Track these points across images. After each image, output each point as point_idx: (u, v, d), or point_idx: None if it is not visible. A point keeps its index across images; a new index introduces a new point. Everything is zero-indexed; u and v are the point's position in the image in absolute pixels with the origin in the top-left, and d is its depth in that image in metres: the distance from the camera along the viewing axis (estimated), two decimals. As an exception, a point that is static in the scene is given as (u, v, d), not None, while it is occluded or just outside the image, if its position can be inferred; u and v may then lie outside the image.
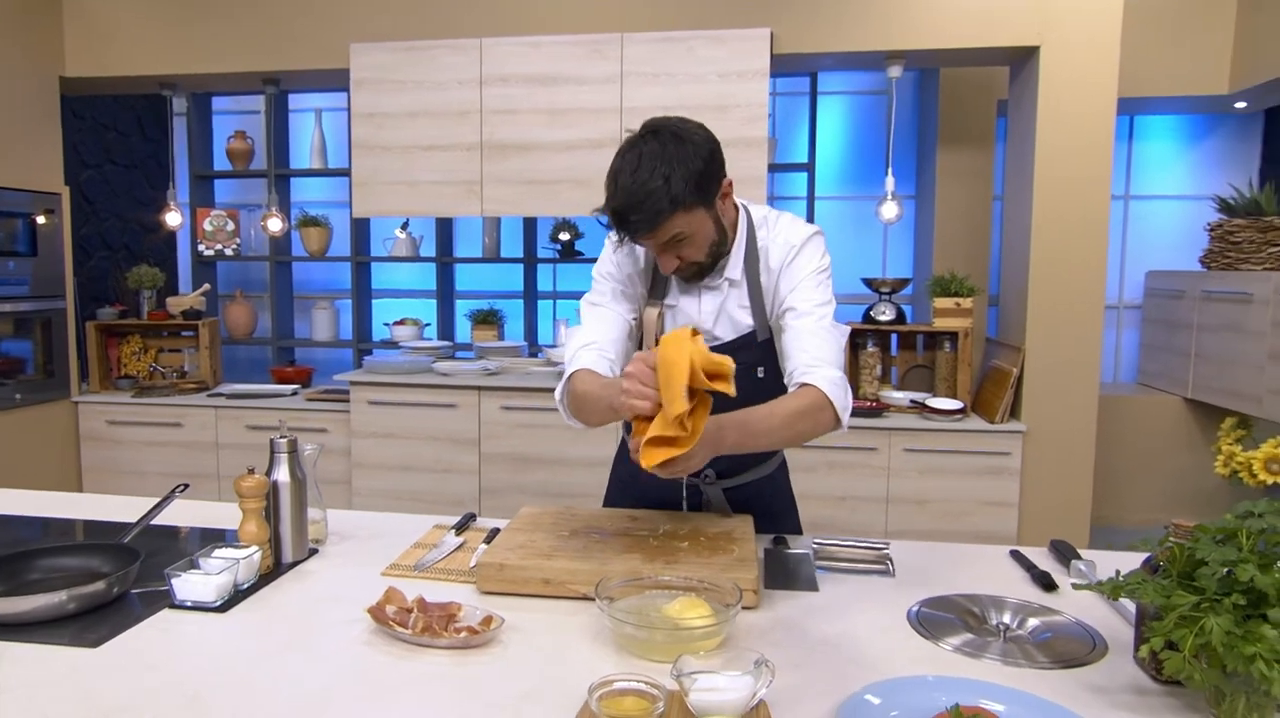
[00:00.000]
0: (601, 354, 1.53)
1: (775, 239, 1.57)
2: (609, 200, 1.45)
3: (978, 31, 3.43)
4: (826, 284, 1.54)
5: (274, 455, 1.51)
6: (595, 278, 1.65)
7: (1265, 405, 3.90)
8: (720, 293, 1.59)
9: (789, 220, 1.61)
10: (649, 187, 1.39)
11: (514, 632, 1.23)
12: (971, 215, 4.48)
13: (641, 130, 1.46)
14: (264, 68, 3.84)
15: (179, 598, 1.32)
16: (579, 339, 1.58)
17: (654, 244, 1.47)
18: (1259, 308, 3.95)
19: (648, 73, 3.54)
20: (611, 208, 1.44)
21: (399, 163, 3.72)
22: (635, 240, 1.48)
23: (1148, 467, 4.70)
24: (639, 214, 1.41)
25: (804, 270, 1.54)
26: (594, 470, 3.63)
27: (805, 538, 1.66)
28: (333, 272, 4.87)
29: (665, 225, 1.42)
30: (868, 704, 0.97)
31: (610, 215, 1.45)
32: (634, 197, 1.40)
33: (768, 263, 1.57)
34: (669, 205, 1.40)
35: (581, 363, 1.52)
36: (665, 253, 1.49)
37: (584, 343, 1.56)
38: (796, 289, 1.53)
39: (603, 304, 1.61)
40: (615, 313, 1.60)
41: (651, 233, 1.44)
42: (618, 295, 1.61)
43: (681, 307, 1.61)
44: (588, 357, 1.53)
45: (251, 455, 3.86)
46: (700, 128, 1.48)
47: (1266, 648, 0.84)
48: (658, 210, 1.40)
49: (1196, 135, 5.01)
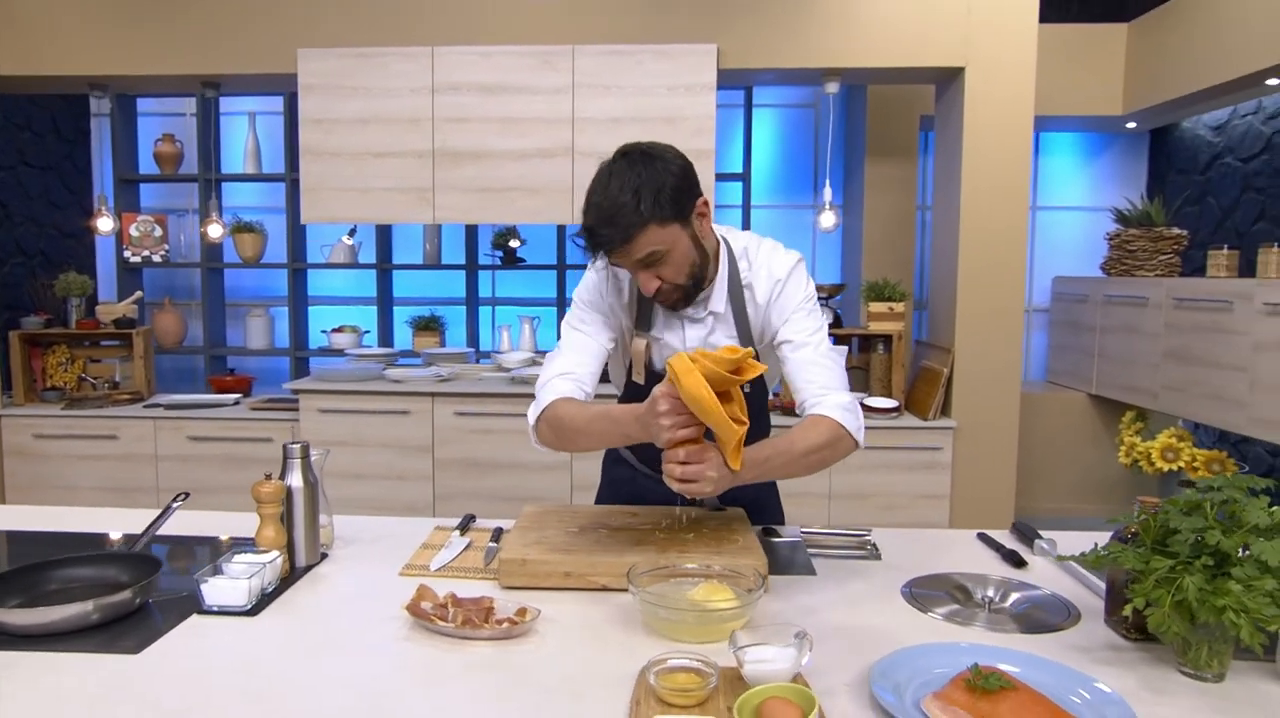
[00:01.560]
0: (578, 385, 1.56)
1: (759, 273, 1.62)
2: (584, 219, 1.48)
3: (909, 52, 3.66)
4: (816, 311, 1.61)
5: (287, 461, 1.54)
6: (576, 302, 1.67)
7: (1160, 400, 4.26)
8: (704, 325, 1.63)
9: (769, 250, 1.65)
10: (619, 201, 1.42)
11: (547, 622, 1.30)
12: (897, 224, 4.74)
13: (615, 154, 1.51)
14: (205, 71, 3.76)
15: (208, 603, 1.34)
16: (556, 368, 1.59)
17: (630, 263, 1.49)
18: (1154, 311, 4.32)
19: (598, 84, 3.63)
20: (585, 225, 1.47)
21: (350, 169, 3.70)
22: (611, 259, 1.50)
23: (1057, 458, 5.05)
24: (610, 228, 1.43)
25: (793, 301, 1.59)
26: (549, 474, 3.69)
27: (791, 528, 1.78)
28: (265, 278, 4.77)
29: (638, 241, 1.44)
30: (893, 667, 1.08)
31: (584, 234, 1.47)
32: (605, 212, 1.43)
33: (754, 298, 1.62)
34: (639, 219, 1.42)
35: (558, 392, 1.54)
36: (644, 272, 1.50)
37: (560, 372, 1.58)
38: (790, 321, 1.59)
39: (581, 331, 1.63)
40: (594, 342, 1.61)
41: (625, 247, 1.45)
42: (598, 324, 1.63)
43: (666, 340, 1.64)
44: (564, 386, 1.56)
45: (195, 467, 3.77)
46: (670, 148, 1.53)
47: (1234, 600, 0.99)
48: (629, 224, 1.43)
49: (1093, 152, 5.42)
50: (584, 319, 1.64)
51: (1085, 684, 1.05)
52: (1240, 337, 3.66)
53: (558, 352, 1.63)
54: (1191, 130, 4.99)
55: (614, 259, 1.50)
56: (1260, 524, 1.02)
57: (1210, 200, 4.83)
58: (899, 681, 1.06)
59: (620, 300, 1.65)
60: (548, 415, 1.53)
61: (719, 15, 3.67)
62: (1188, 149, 5.04)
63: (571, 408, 1.51)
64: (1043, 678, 1.05)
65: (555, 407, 1.52)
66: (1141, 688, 1.09)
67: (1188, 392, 4.02)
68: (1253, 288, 3.59)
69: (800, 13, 3.65)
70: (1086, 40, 4.68)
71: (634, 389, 1.69)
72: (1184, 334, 4.06)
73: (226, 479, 3.78)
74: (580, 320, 1.64)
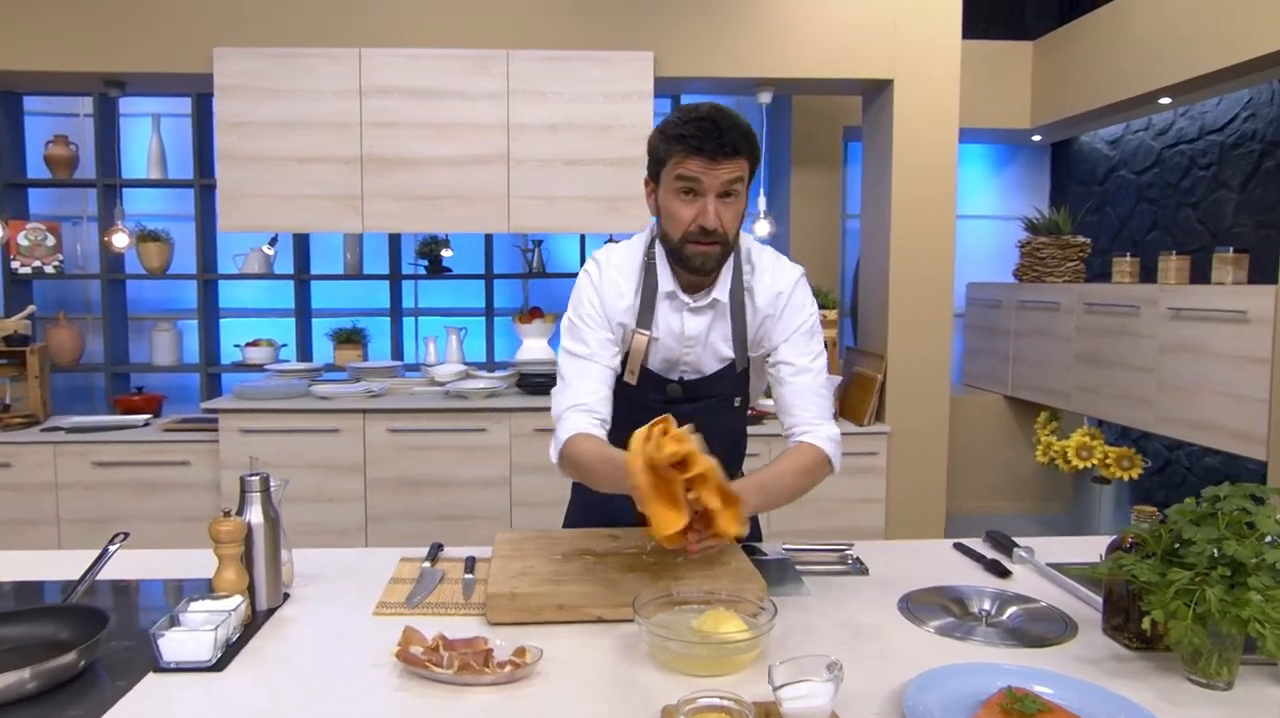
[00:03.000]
0: (592, 416, 1.53)
1: (761, 279, 1.60)
2: (686, 117, 1.46)
3: (840, 64, 3.71)
4: (818, 332, 1.61)
5: (245, 495, 1.41)
6: (573, 322, 1.60)
7: (1073, 400, 4.46)
8: (704, 317, 1.60)
9: (771, 258, 1.64)
10: (737, 121, 1.46)
11: (550, 662, 1.22)
12: (823, 233, 4.82)
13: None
14: (110, 68, 3.49)
15: (166, 660, 1.20)
16: (567, 399, 1.55)
17: (720, 176, 1.45)
18: (1065, 315, 4.52)
19: (534, 90, 3.55)
20: (706, 115, 1.44)
21: (271, 175, 3.50)
22: (716, 156, 1.43)
23: (977, 459, 5.24)
24: (732, 127, 1.44)
25: (796, 320, 1.59)
26: (487, 491, 3.58)
27: (773, 545, 1.75)
28: (171, 290, 4.47)
29: (738, 160, 1.46)
30: (922, 694, 1.06)
31: (697, 126, 1.43)
32: (728, 118, 1.45)
33: (754, 301, 1.60)
34: (746, 143, 1.46)
35: (575, 427, 1.50)
36: (718, 200, 1.47)
37: (572, 403, 1.54)
38: (791, 341, 1.58)
39: (585, 357, 1.57)
40: (598, 366, 1.56)
41: (731, 157, 1.44)
42: (601, 343, 1.57)
43: (663, 338, 1.60)
44: (579, 420, 1.51)
45: (102, 495, 3.49)
46: None
47: (1257, 611, 1.00)
48: (744, 138, 1.45)
49: (1000, 163, 5.66)
50: (583, 341, 1.58)
51: (1117, 703, 1.04)
52: (1147, 339, 3.86)
53: (564, 383, 1.58)
54: (1089, 144, 5.27)
55: (696, 172, 1.45)
56: (1272, 533, 1.05)
57: (1109, 210, 5.11)
58: (929, 706, 1.04)
59: (621, 300, 1.60)
60: (566, 454, 1.51)
61: (655, 23, 3.64)
62: (1086, 162, 5.31)
63: (587, 447, 1.48)
64: (1073, 697, 1.04)
65: (571, 444, 1.49)
66: (1159, 700, 1.10)
67: (1099, 392, 4.23)
68: (1157, 293, 3.80)
69: (735, 23, 3.66)
70: (997, 57, 4.88)
71: (625, 390, 1.64)
72: (1094, 338, 4.26)
73: (139, 508, 3.51)
74: (579, 342, 1.58)
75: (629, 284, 1.60)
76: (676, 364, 1.63)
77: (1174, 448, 4.60)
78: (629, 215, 3.66)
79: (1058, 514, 5.23)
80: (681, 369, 1.64)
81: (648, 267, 1.61)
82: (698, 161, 1.45)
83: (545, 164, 3.56)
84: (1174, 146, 4.55)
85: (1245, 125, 4.08)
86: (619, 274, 1.60)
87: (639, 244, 1.65)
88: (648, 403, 1.62)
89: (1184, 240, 4.45)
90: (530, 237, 4.42)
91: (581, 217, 3.64)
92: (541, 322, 4.17)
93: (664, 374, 1.64)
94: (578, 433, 1.50)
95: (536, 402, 3.61)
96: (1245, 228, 4.07)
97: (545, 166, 3.57)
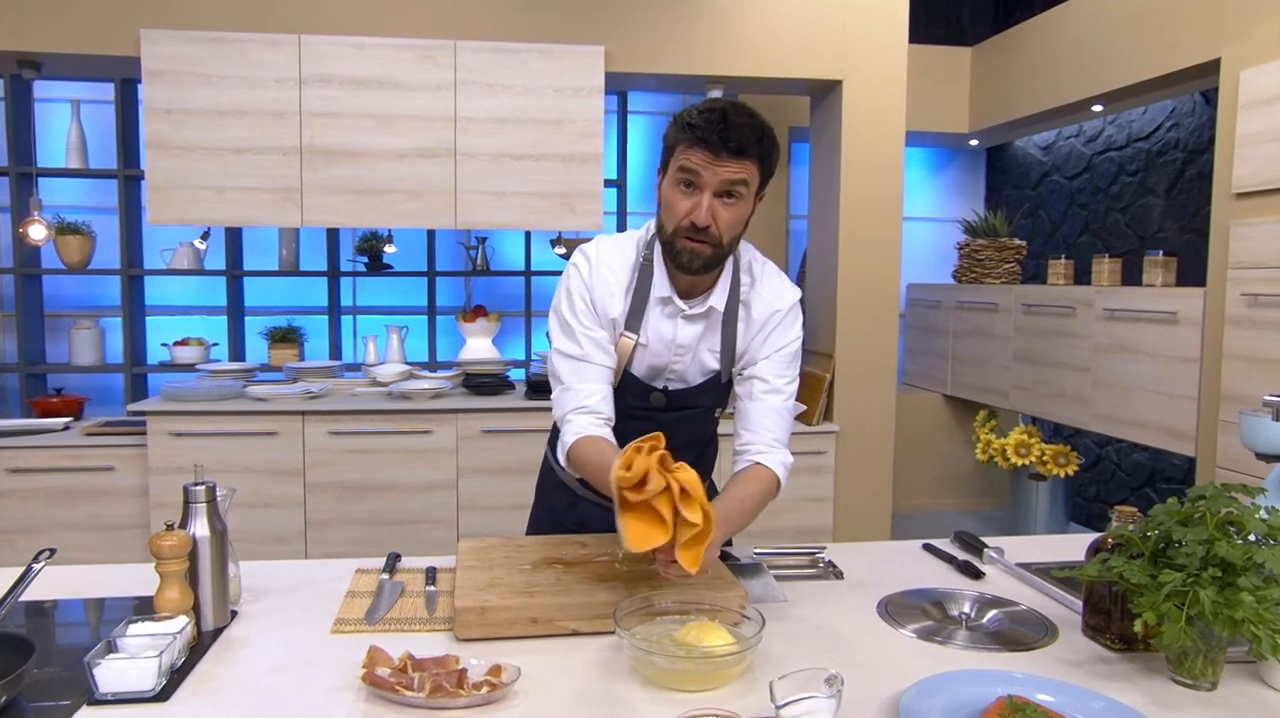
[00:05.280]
0: (596, 416, 1.48)
1: (760, 294, 1.55)
2: (699, 110, 1.39)
3: (790, 64, 3.71)
4: (798, 361, 1.58)
5: (190, 507, 1.31)
6: (565, 321, 1.53)
7: (1011, 399, 4.57)
8: (698, 325, 1.54)
9: (773, 275, 1.59)
10: (753, 121, 1.39)
11: (527, 680, 1.15)
12: (769, 233, 4.83)
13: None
14: (24, 47, 3.26)
15: (102, 691, 1.10)
16: (568, 402, 1.50)
17: (719, 175, 1.39)
18: (1003, 316, 4.63)
19: (482, 83, 3.45)
20: (720, 109, 1.38)
21: (205, 166, 3.32)
22: (687, 168, 1.39)
23: (918, 457, 5.32)
24: (740, 128, 1.36)
25: (783, 341, 1.54)
26: (431, 494, 3.47)
27: (744, 549, 1.71)
28: (92, 285, 4.23)
29: (745, 162, 1.38)
30: (918, 703, 1.03)
31: (706, 119, 1.37)
32: (743, 116, 1.38)
33: (749, 316, 1.55)
34: (758, 144, 1.38)
35: (579, 430, 1.46)
36: (716, 200, 1.40)
37: (576, 406, 1.49)
38: (772, 360, 1.53)
39: (580, 358, 1.51)
40: (596, 367, 1.51)
41: (735, 156, 1.37)
42: (595, 342, 1.51)
43: (652, 344, 1.54)
44: (583, 423, 1.47)
45: (18, 504, 3.28)
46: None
47: (1250, 612, 1.00)
48: (755, 139, 1.38)
49: (937, 166, 5.77)
50: (576, 341, 1.51)
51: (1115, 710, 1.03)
52: (1082, 339, 3.97)
53: (562, 386, 1.52)
54: (1023, 149, 5.41)
55: (696, 164, 1.38)
56: (1260, 533, 1.05)
57: (1042, 214, 5.25)
58: (926, 716, 1.01)
59: (612, 299, 1.53)
60: (572, 457, 1.47)
61: (605, 18, 3.58)
62: (1020, 166, 5.45)
63: (590, 452, 1.44)
64: (1072, 703, 1.03)
65: (577, 448, 1.45)
66: (1148, 702, 1.09)
67: (1036, 391, 4.33)
68: (1092, 294, 3.90)
69: (686, 20, 3.63)
70: (937, 61, 4.96)
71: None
72: (1031, 338, 4.37)
73: (59, 517, 3.30)
74: (572, 343, 1.52)
75: (620, 284, 1.53)
76: (663, 372, 1.57)
77: (1104, 444, 4.75)
78: (580, 213, 3.59)
79: (996, 510, 5.35)
80: (667, 378, 1.58)
81: (642, 268, 1.54)
82: (700, 154, 1.38)
83: (494, 159, 3.47)
84: (1103, 153, 4.70)
85: (1170, 134, 4.23)
86: (610, 273, 1.53)
87: (633, 242, 1.57)
88: (628, 409, 1.56)
89: (1113, 244, 4.60)
90: (474, 233, 4.32)
91: (532, 213, 3.56)
92: (485, 320, 4.07)
93: (648, 382, 1.57)
94: (581, 436, 1.45)
95: (483, 402, 3.51)
96: (1170, 232, 4.23)
97: (494, 161, 3.47)
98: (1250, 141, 3.04)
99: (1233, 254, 3.10)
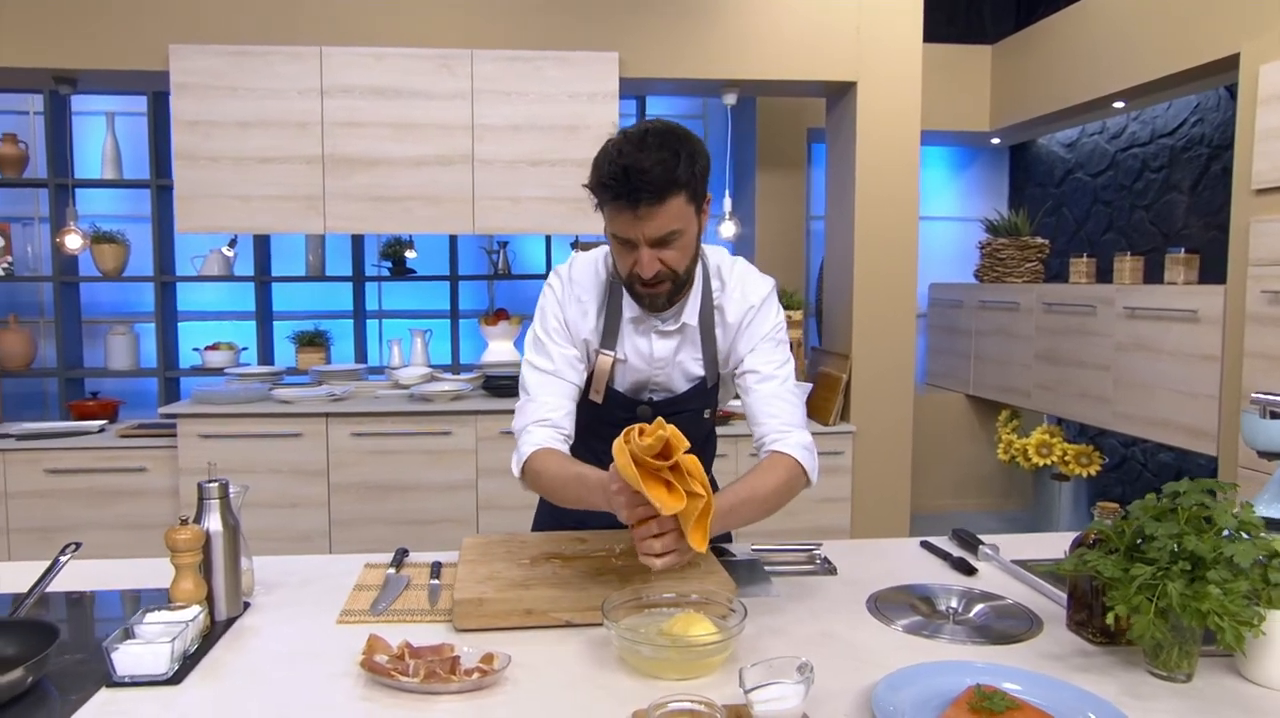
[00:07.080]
0: (556, 430, 1.51)
1: (731, 294, 1.57)
2: (606, 165, 1.35)
3: (805, 66, 3.74)
4: (785, 341, 1.58)
5: (204, 502, 1.38)
6: (538, 336, 1.57)
7: (1033, 399, 4.54)
8: (673, 339, 1.56)
9: (742, 272, 1.60)
10: (659, 155, 1.33)
11: (518, 667, 1.21)
12: (788, 234, 4.85)
13: (637, 125, 1.42)
14: (60, 65, 3.39)
15: (120, 674, 1.17)
16: (530, 413, 1.52)
17: (643, 234, 1.37)
18: (1025, 315, 4.60)
19: (499, 90, 3.52)
20: (620, 165, 1.33)
21: (230, 175, 3.43)
22: (616, 230, 1.38)
23: (940, 457, 5.30)
24: (647, 180, 1.32)
25: (762, 329, 1.55)
26: (453, 495, 3.54)
27: (741, 545, 1.75)
28: (127, 293, 4.37)
29: (669, 205, 1.35)
30: (892, 692, 1.06)
31: (612, 182, 1.34)
32: (643, 162, 1.32)
33: (724, 319, 1.57)
34: (675, 181, 1.34)
35: (538, 442, 1.48)
36: (651, 251, 1.39)
37: (537, 418, 1.51)
38: (757, 350, 1.55)
39: (550, 372, 1.54)
40: (562, 382, 1.54)
41: (652, 210, 1.34)
42: (565, 359, 1.54)
43: (631, 360, 1.56)
44: (542, 435, 1.49)
45: (55, 504, 3.40)
46: (693, 134, 1.45)
47: (1215, 604, 1.02)
48: (669, 180, 1.33)
49: (960, 165, 5.74)
50: (549, 355, 1.55)
51: (1083, 698, 1.05)
52: (1104, 338, 3.94)
53: (527, 397, 1.55)
54: (1046, 147, 5.36)
55: (621, 230, 1.37)
56: (1229, 527, 1.07)
57: (1065, 212, 5.20)
58: (899, 705, 1.04)
59: (584, 319, 1.56)
60: (528, 469, 1.48)
61: (620, 24, 3.63)
62: (1044, 164, 5.41)
63: (550, 463, 1.45)
64: (1040, 693, 1.05)
65: (534, 460, 1.47)
66: (1123, 693, 1.11)
67: (1058, 391, 4.30)
68: (1113, 293, 3.87)
69: (700, 25, 3.66)
70: (957, 60, 4.94)
71: (591, 408, 1.62)
72: (1053, 337, 4.33)
73: (94, 517, 3.42)
74: (544, 357, 1.55)
75: (592, 303, 1.56)
76: (646, 385, 1.60)
77: (1130, 444, 4.70)
78: (595, 217, 3.60)
79: (1019, 510, 5.31)
80: (651, 390, 1.61)
81: (612, 288, 1.55)
82: (623, 216, 1.37)
83: (510, 165, 3.54)
84: (1127, 150, 4.65)
85: (1194, 130, 4.18)
86: (581, 292, 1.55)
87: (603, 260, 1.59)
88: (615, 422, 1.60)
89: (1137, 241, 4.55)
90: (496, 238, 4.39)
91: (547, 218, 3.62)
92: (507, 324, 4.14)
93: (633, 396, 1.60)
94: (541, 448, 1.47)
95: (503, 404, 3.58)
96: (1195, 229, 4.17)
97: (510, 168, 3.54)
98: (1270, 137, 3.01)
99: (1253, 251, 3.07)
